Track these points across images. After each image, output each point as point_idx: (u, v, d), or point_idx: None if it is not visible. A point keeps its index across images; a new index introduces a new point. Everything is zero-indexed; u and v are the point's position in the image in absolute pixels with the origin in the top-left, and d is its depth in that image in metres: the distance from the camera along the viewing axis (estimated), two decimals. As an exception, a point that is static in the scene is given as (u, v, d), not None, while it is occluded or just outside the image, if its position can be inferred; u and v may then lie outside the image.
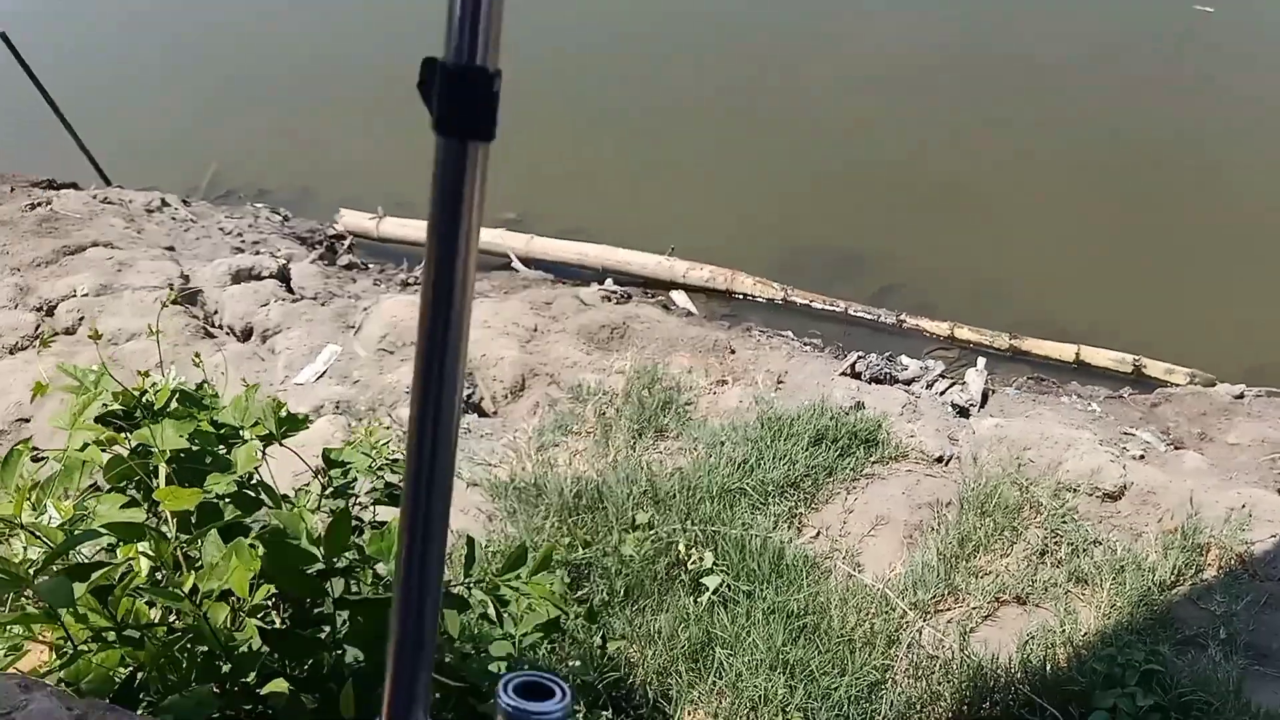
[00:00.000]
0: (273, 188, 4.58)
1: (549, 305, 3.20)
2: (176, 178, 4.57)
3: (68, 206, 3.73)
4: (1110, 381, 3.42)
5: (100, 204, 3.79)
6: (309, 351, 2.81)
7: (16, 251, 3.27)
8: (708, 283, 3.99)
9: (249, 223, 3.99)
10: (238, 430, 1.20)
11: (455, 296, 0.48)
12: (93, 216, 3.62)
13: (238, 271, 3.14)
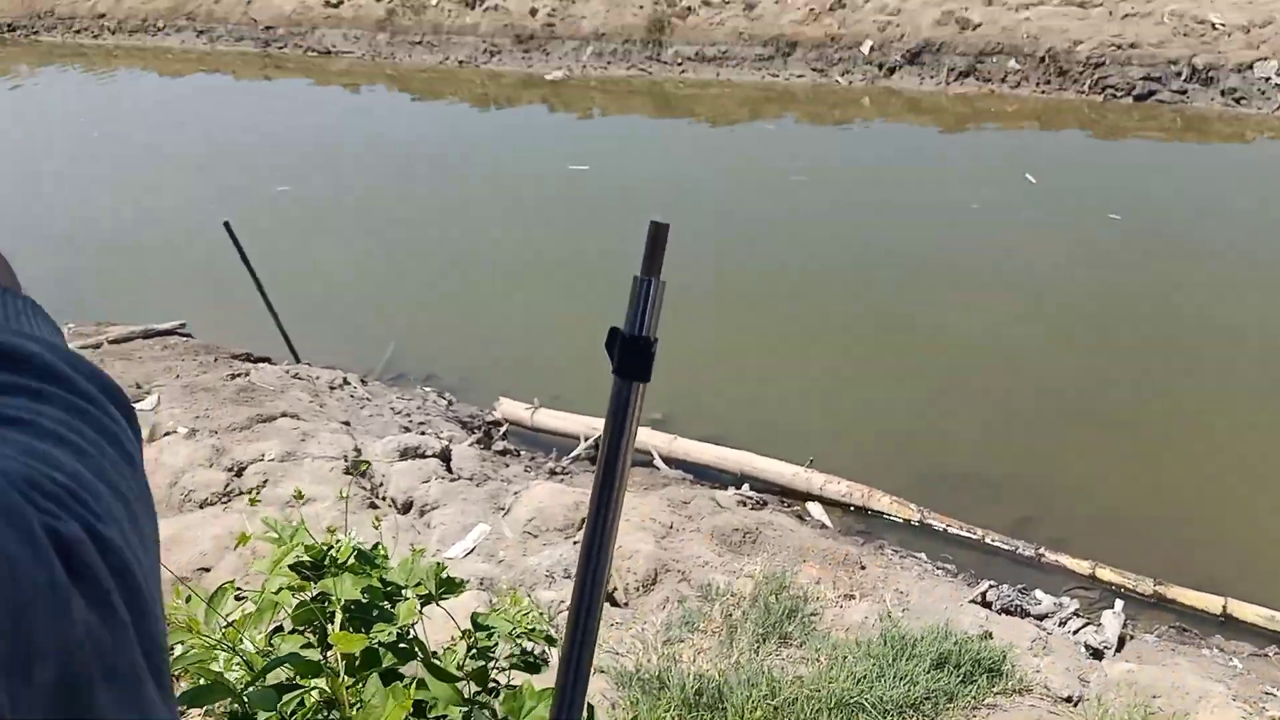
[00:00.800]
0: (440, 373, 4.97)
1: (685, 504, 3.34)
2: (357, 358, 5.03)
3: (263, 379, 4.17)
4: (1257, 639, 3.26)
5: (291, 378, 4.23)
6: (461, 529, 3.01)
7: (216, 416, 3.67)
8: (844, 497, 4.05)
9: (417, 404, 4.34)
10: (402, 588, 1.36)
11: (616, 486, 0.67)
12: (284, 389, 4.04)
13: (404, 449, 3.43)
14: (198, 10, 13.17)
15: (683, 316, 5.48)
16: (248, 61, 12.40)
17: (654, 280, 0.68)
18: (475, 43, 11.31)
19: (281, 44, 12.41)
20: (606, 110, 10.11)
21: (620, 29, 10.63)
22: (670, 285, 0.70)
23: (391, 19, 11.83)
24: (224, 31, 12.87)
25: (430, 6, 11.67)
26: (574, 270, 6.27)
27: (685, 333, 5.15)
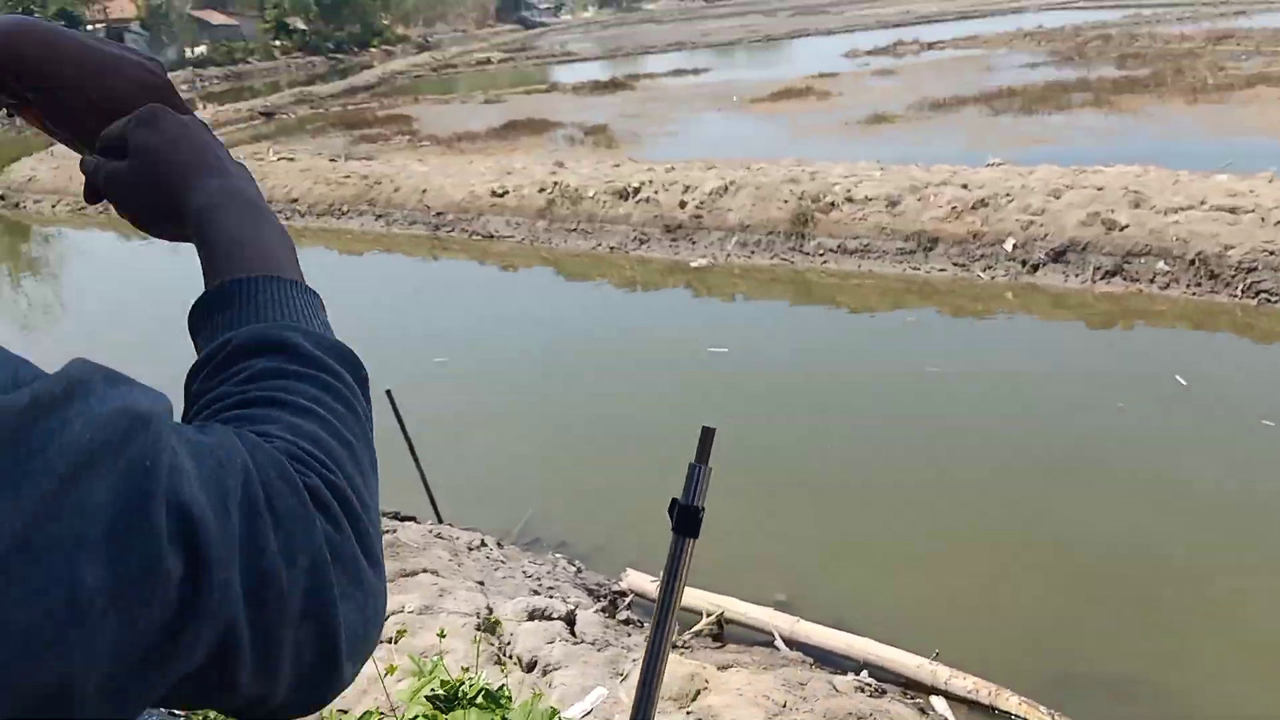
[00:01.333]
0: (572, 541, 5.15)
1: (802, 685, 3.33)
2: (495, 521, 5.27)
3: (408, 536, 4.44)
4: None
5: (433, 537, 4.48)
6: (580, 690, 3.10)
7: (362, 567, 3.92)
8: (970, 694, 3.93)
9: (547, 569, 4.50)
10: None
11: (669, 619, 0.91)
12: (426, 547, 4.28)
13: (532, 611, 3.57)
14: (378, 197, 14.47)
15: (813, 502, 5.53)
16: (418, 243, 13.46)
17: (702, 467, 0.99)
18: (626, 231, 12.00)
19: (450, 228, 13.46)
20: (749, 296, 10.48)
21: (765, 221, 11.12)
22: (801, 471, 0.94)
23: (550, 208, 12.72)
24: (400, 216, 14.07)
25: (586, 198, 12.51)
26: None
27: (815, 518, 5.20)
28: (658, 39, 56.48)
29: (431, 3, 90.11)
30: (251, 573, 0.46)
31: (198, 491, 0.45)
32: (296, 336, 0.59)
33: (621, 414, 7.21)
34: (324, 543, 0.51)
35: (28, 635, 0.39)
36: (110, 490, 0.42)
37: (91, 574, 0.40)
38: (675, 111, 22.54)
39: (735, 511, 5.57)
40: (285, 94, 35.45)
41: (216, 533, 0.45)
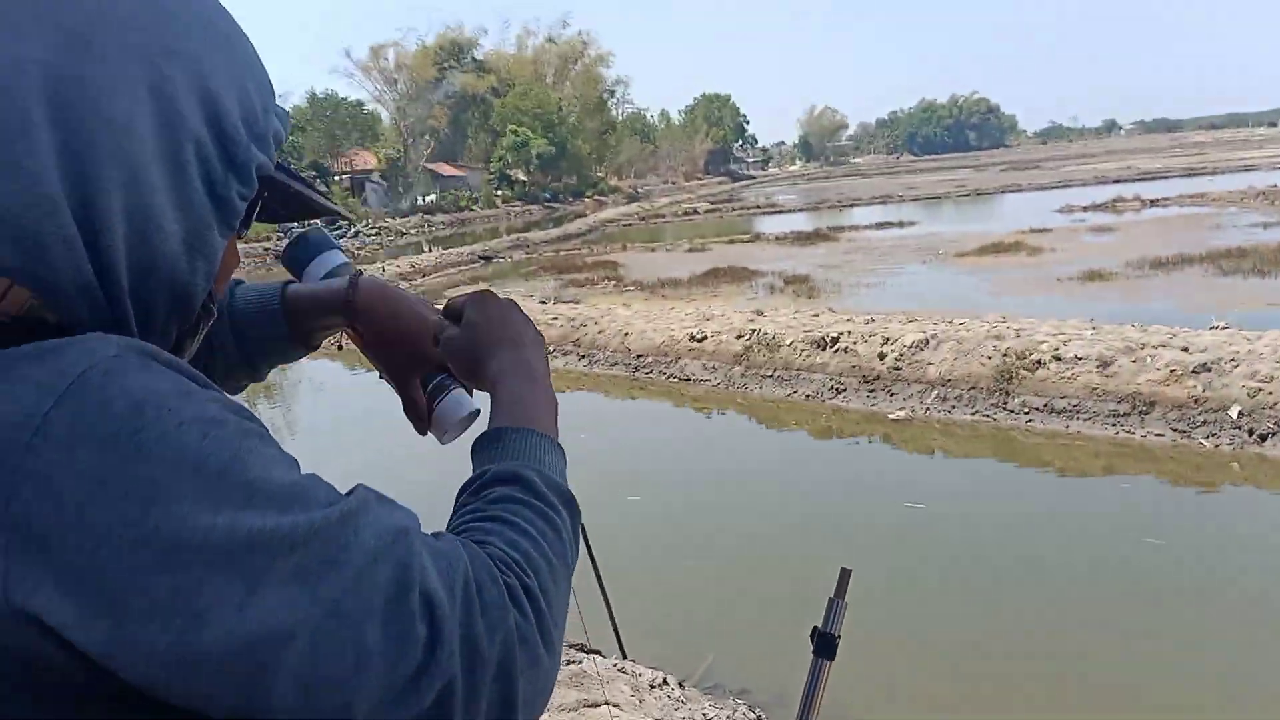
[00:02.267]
0: (754, 689, 5.07)
1: None
2: (678, 660, 5.27)
3: (592, 668, 4.51)
4: None
5: (617, 671, 4.54)
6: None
7: (554, 695, 4.02)
8: None
9: (728, 714, 4.45)
10: None
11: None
12: (609, 680, 4.34)
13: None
14: (583, 338, 15.16)
15: (1019, 689, 5.25)
16: (617, 383, 13.94)
17: (839, 602, 1.17)
18: (823, 380, 12.03)
19: (649, 370, 13.88)
20: (948, 452, 10.20)
21: (966, 376, 10.90)
22: (1003, 646, 1.01)
23: (747, 354, 12.94)
24: (601, 357, 14.66)
25: (784, 346, 12.67)
26: (894, 605, 6.24)
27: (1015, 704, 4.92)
28: (863, 192, 57.26)
29: (644, 156, 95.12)
30: (467, 645, 0.65)
31: (437, 583, 0.64)
32: (533, 475, 0.79)
33: (811, 564, 7.10)
34: (515, 628, 0.68)
35: (331, 678, 0.59)
36: (387, 578, 0.62)
37: (373, 635, 0.61)
38: (878, 263, 22.64)
39: (921, 662, 5.36)
40: (503, 239, 37.96)
41: (448, 613, 0.64)
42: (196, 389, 0.62)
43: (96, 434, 0.56)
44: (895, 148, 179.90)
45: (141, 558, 0.55)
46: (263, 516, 0.58)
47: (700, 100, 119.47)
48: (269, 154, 0.74)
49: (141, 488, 0.56)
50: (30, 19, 0.61)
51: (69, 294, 0.63)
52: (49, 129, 0.61)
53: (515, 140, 65.20)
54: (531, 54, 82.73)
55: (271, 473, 0.61)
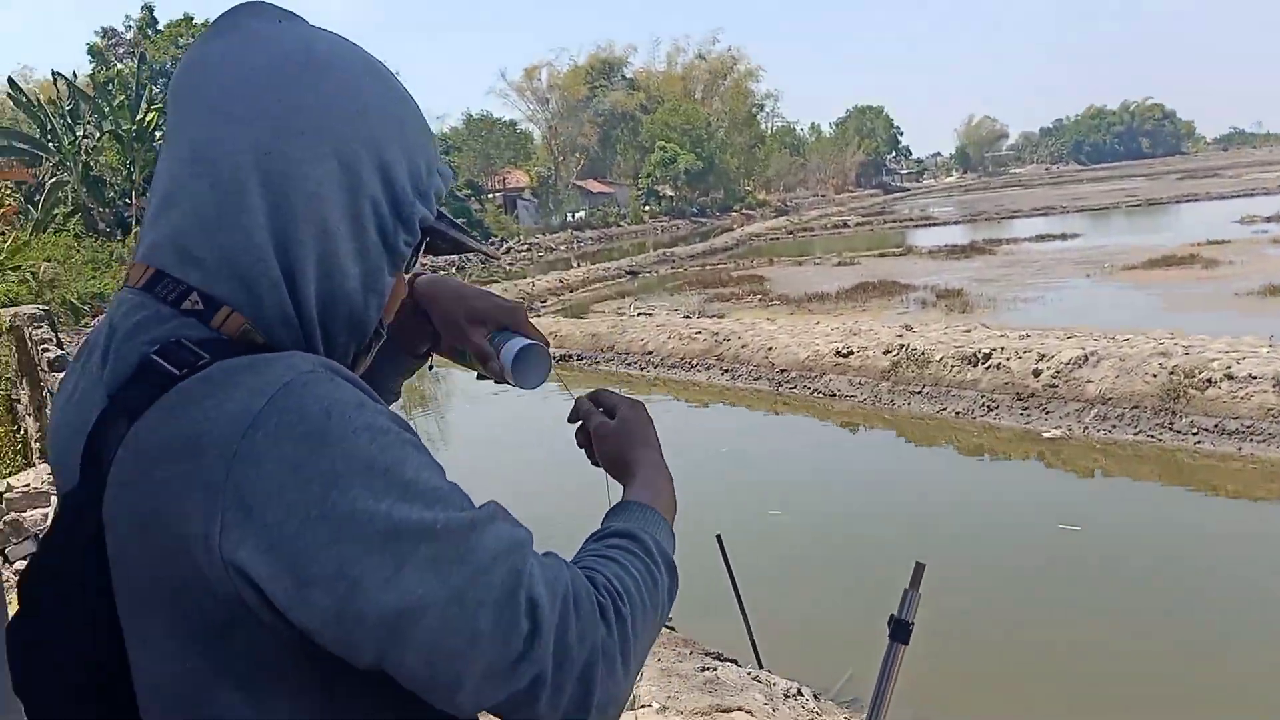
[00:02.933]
0: (892, 704, 5.00)
1: None
2: (814, 674, 5.25)
3: (727, 676, 4.57)
4: None
5: (751, 680, 4.57)
6: None
7: (684, 699, 4.11)
8: None
9: (864, 729, 4.43)
10: None
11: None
12: (743, 688, 4.38)
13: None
14: (726, 353, 15.21)
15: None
16: (760, 398, 13.92)
17: (913, 592, 1.33)
18: (974, 396, 11.71)
19: (792, 385, 13.81)
20: (1108, 472, 9.77)
21: (1129, 395, 10.42)
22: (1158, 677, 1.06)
23: (895, 370, 12.72)
24: (744, 371, 14.67)
25: (933, 361, 12.39)
26: (1043, 628, 6.05)
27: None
28: (1024, 203, 55.25)
29: (793, 169, 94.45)
30: (560, 644, 0.78)
31: (542, 590, 0.78)
32: (647, 538, 0.95)
33: (956, 581, 6.95)
34: (601, 642, 0.81)
35: (450, 651, 0.73)
36: (502, 578, 0.76)
37: (486, 621, 0.74)
38: (1037, 277, 21.82)
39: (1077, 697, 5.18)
40: (650, 254, 38.41)
41: (548, 615, 0.77)
42: (369, 401, 0.77)
43: (295, 430, 0.72)
44: (1060, 157, 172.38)
45: (319, 532, 0.70)
46: (413, 510, 0.73)
47: (852, 112, 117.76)
48: (430, 208, 0.92)
49: (325, 476, 0.71)
50: (247, 110, 0.81)
51: (273, 322, 0.82)
52: (260, 195, 0.80)
53: (663, 156, 65.86)
54: (681, 70, 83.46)
55: (422, 475, 0.76)
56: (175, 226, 0.82)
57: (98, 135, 24.95)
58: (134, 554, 0.75)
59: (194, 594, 0.73)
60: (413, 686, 0.75)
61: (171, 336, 0.78)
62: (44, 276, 16.51)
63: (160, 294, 0.81)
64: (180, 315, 0.80)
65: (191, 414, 0.73)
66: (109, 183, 25.27)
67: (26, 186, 23.84)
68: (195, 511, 0.71)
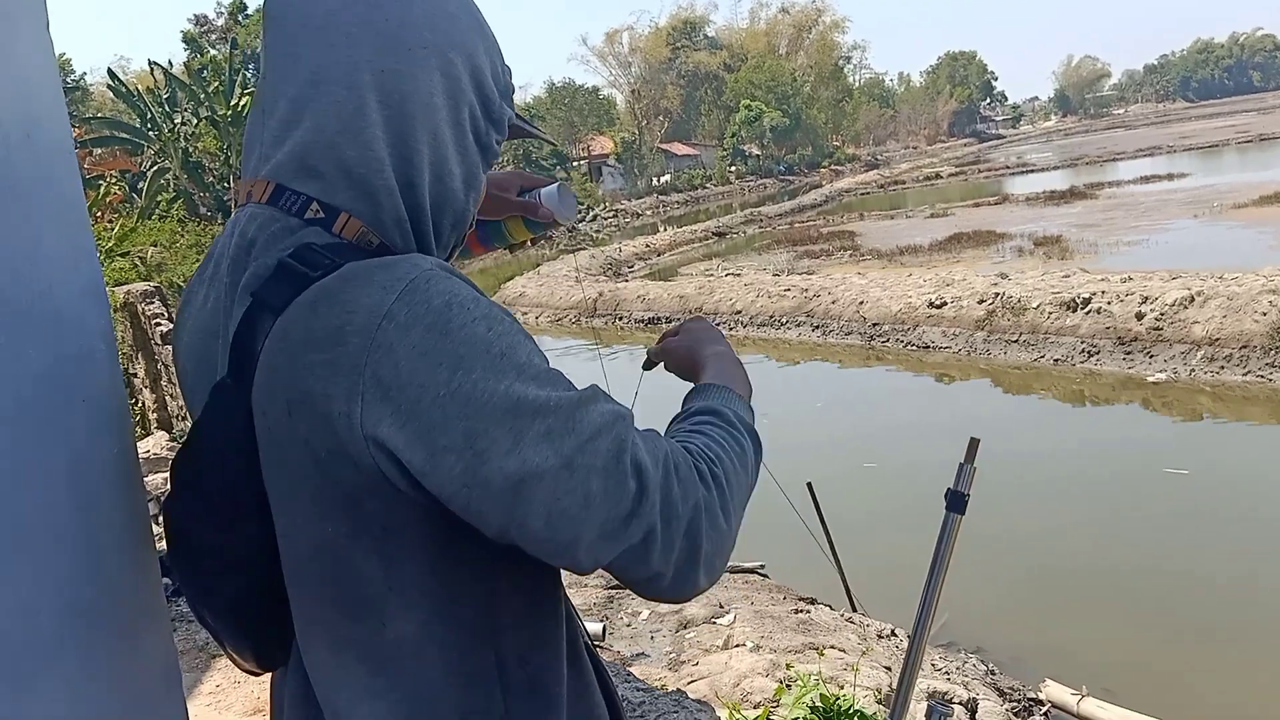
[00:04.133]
0: (990, 648, 4.99)
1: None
2: (909, 619, 5.25)
3: (819, 618, 4.61)
4: None
5: (844, 621, 4.61)
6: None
7: (778, 639, 4.18)
8: None
9: (957, 665, 4.44)
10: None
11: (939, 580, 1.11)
12: (836, 629, 4.43)
13: (933, 692, 3.56)
14: (816, 309, 15.09)
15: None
16: (852, 352, 13.79)
17: (968, 466, 1.40)
18: (1073, 343, 11.41)
19: (885, 339, 13.64)
20: (1215, 416, 9.45)
21: (1237, 335, 10.02)
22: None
23: (990, 319, 12.46)
24: (835, 327, 14.53)
25: (1030, 309, 12.10)
26: (1157, 577, 5.93)
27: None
28: (1127, 145, 53.13)
29: (882, 122, 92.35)
30: (665, 502, 0.84)
31: (645, 455, 0.84)
32: (728, 412, 1.01)
33: (1056, 528, 6.85)
34: (702, 499, 0.87)
35: (566, 512, 0.80)
36: (608, 446, 0.82)
37: (596, 484, 0.81)
38: (1141, 220, 21.04)
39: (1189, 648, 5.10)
40: (736, 215, 38.12)
41: (652, 476, 0.83)
42: (482, 296, 0.85)
43: (423, 321, 0.80)
44: (1166, 95, 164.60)
45: (448, 409, 0.78)
46: (528, 388, 0.80)
47: (943, 59, 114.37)
48: (512, 106, 1.01)
49: (451, 360, 0.79)
50: (358, 29, 0.89)
51: (388, 225, 0.91)
52: (378, 110, 0.89)
53: (748, 115, 65.13)
54: (764, 26, 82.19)
55: (534, 359, 0.83)
56: (299, 144, 0.90)
57: (195, 122, 25.79)
58: (283, 432, 0.85)
59: (337, 465, 0.82)
60: (536, 549, 0.82)
61: (301, 242, 0.87)
62: (151, 261, 17.24)
63: (285, 206, 0.90)
64: (305, 224, 0.89)
65: (333, 308, 0.81)
66: (208, 168, 26.14)
67: (130, 175, 24.82)
68: (339, 392, 0.80)
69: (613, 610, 4.91)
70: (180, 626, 4.34)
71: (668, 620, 4.75)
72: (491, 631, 0.89)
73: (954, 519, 1.35)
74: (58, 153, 1.08)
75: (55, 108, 1.08)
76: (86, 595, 1.04)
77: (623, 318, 18.11)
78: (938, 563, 1.33)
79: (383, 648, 0.88)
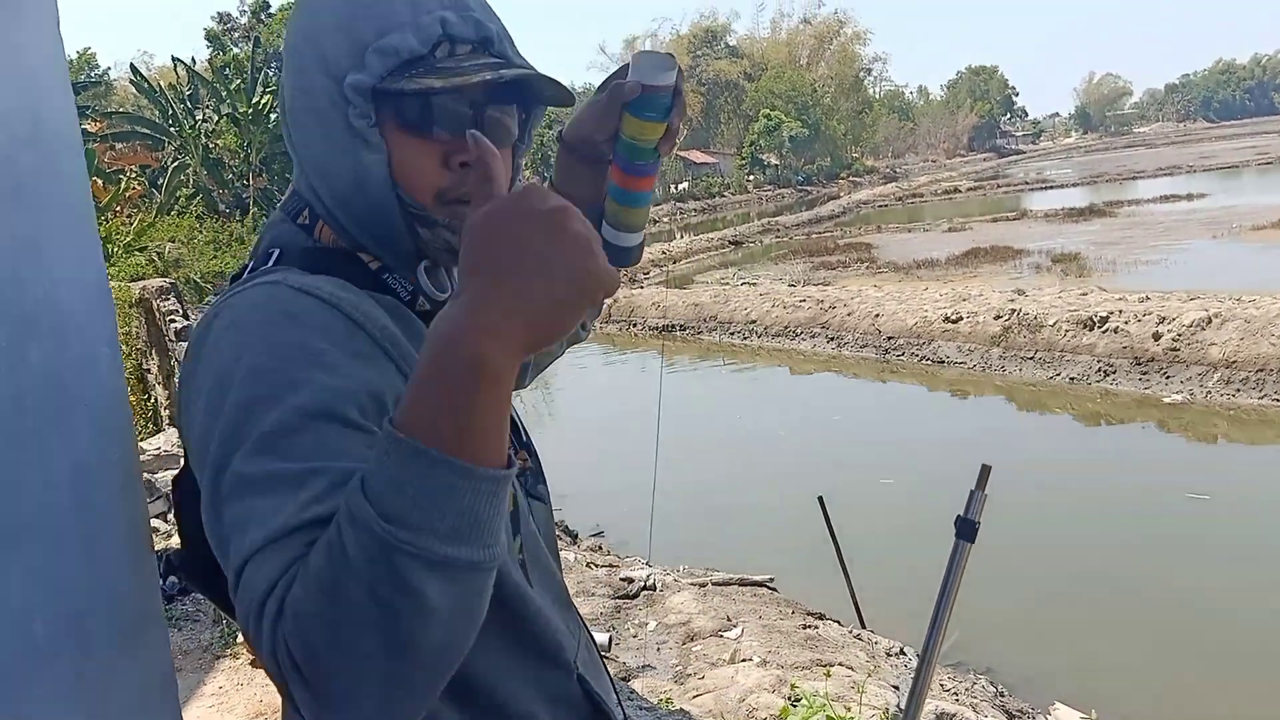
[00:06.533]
0: (999, 669, 4.94)
1: None
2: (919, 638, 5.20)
3: (827, 634, 4.57)
4: None
5: (853, 638, 4.56)
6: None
7: (785, 655, 4.13)
8: None
9: (965, 686, 4.38)
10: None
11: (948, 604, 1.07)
12: (844, 645, 4.38)
13: (941, 714, 3.52)
14: (831, 320, 15.03)
15: None
16: (866, 365, 13.73)
17: (979, 493, 1.38)
18: (1089, 361, 11.33)
19: (900, 353, 13.58)
20: (1232, 439, 9.36)
21: (1254, 358, 9.94)
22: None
23: (1006, 335, 12.39)
24: (850, 339, 14.47)
25: (1046, 326, 12.02)
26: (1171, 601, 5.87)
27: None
28: (1147, 163, 52.87)
29: (902, 134, 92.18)
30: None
31: (259, 581, 0.72)
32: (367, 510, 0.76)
33: (1071, 549, 6.79)
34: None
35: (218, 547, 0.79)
36: (239, 540, 0.74)
37: (223, 555, 0.78)
38: (1160, 239, 20.90)
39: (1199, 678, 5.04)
40: (754, 224, 38.02)
41: (260, 602, 0.70)
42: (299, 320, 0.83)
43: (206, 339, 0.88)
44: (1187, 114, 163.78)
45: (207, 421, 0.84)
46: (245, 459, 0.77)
47: (964, 73, 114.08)
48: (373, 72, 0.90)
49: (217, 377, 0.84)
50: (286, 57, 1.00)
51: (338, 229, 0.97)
52: (286, 125, 1.00)
53: (768, 124, 65.05)
54: (785, 36, 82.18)
55: (264, 422, 0.77)
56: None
57: (216, 119, 25.93)
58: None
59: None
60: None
61: (273, 245, 0.96)
62: (169, 256, 17.32)
63: (288, 208, 1.00)
64: (300, 229, 0.98)
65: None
66: (228, 165, 26.27)
67: (150, 170, 24.96)
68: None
69: (620, 621, 4.88)
70: (185, 626, 4.34)
71: (675, 632, 4.72)
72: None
73: (964, 546, 1.32)
74: (65, 149, 1.06)
75: (63, 104, 1.07)
76: (83, 599, 1.03)
77: (637, 324, 18.09)
78: (947, 589, 1.31)
79: None
